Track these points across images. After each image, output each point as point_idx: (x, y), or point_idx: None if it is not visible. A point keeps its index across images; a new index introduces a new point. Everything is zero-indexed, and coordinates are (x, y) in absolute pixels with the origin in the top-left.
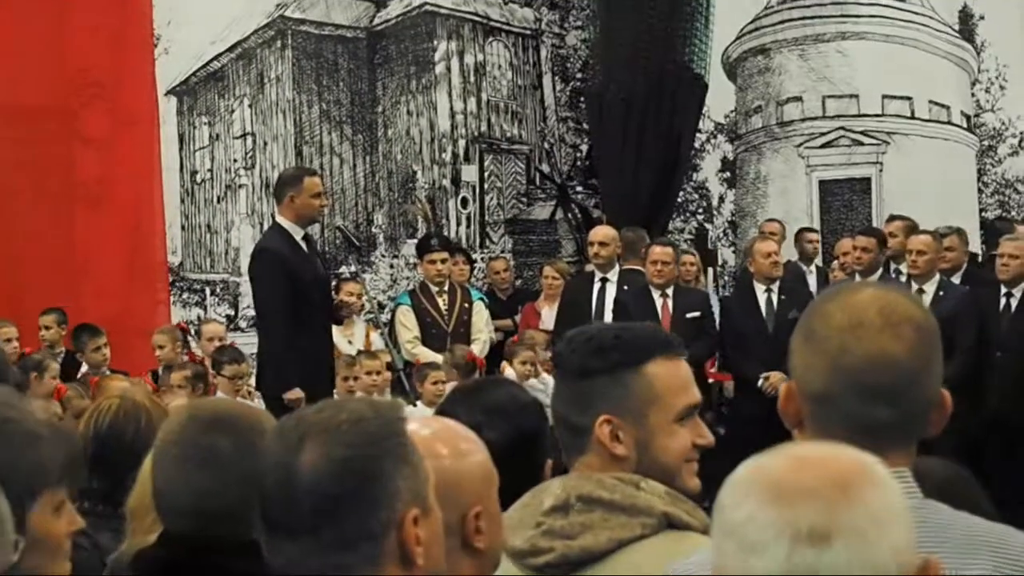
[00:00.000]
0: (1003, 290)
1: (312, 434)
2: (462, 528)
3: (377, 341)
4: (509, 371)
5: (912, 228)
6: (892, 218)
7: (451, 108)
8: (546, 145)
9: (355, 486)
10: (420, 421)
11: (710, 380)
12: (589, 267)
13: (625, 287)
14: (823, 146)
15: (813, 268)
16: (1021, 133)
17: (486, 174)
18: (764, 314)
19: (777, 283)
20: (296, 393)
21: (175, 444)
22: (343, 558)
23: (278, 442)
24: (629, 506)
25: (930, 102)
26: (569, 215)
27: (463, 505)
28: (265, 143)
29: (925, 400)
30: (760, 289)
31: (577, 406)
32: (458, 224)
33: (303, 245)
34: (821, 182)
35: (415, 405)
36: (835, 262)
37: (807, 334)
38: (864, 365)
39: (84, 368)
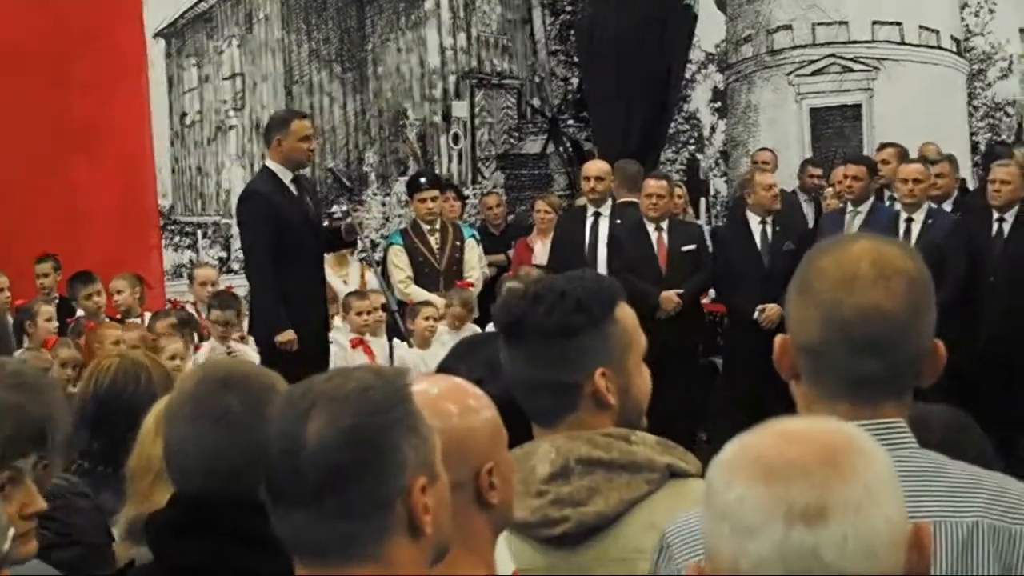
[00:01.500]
0: (995, 215)
1: (319, 403)
2: (475, 484)
3: (372, 280)
4: None
5: (904, 155)
6: (883, 146)
7: (441, 44)
8: (536, 79)
9: (362, 455)
10: (428, 380)
11: (706, 311)
12: (580, 200)
13: (618, 221)
14: (813, 74)
15: (811, 199)
16: (1010, 56)
17: (477, 109)
18: (759, 246)
19: (772, 215)
20: (288, 335)
21: (186, 403)
22: (350, 527)
23: (286, 411)
24: (629, 463)
25: (919, 27)
26: (560, 149)
27: (475, 462)
28: (255, 83)
29: (915, 352)
30: (755, 220)
31: (566, 365)
32: (449, 160)
33: (292, 188)
34: (812, 110)
35: (410, 345)
36: (829, 190)
37: (801, 287)
38: (856, 318)
39: (79, 313)
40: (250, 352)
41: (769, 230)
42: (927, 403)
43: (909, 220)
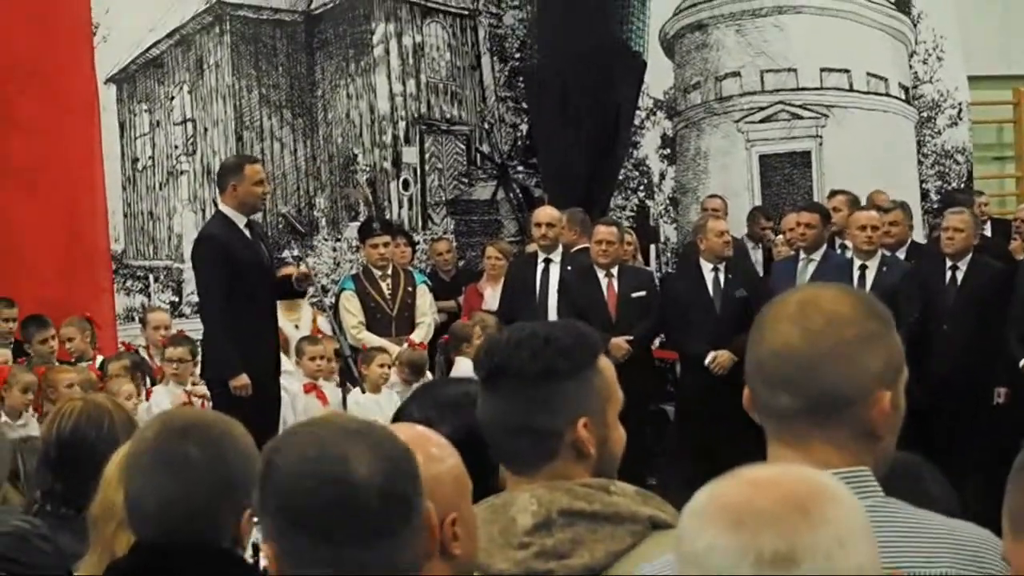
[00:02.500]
0: (948, 263)
1: (350, 444)
2: (439, 535)
3: (324, 325)
4: (461, 360)
5: (855, 202)
6: (834, 193)
7: (390, 90)
8: (486, 125)
9: (408, 482)
10: (391, 428)
11: (655, 358)
12: (531, 247)
13: (569, 267)
14: (762, 121)
15: (758, 245)
16: (959, 104)
17: (427, 155)
18: (711, 292)
19: (724, 261)
20: (241, 380)
21: (145, 452)
22: (405, 555)
23: (310, 464)
24: (612, 515)
25: (868, 74)
26: (510, 195)
27: (439, 512)
28: (205, 129)
29: (834, 392)
30: (707, 267)
31: (545, 411)
32: (400, 206)
33: (246, 232)
34: (761, 156)
35: (363, 391)
36: (779, 237)
37: (753, 330)
38: (767, 355)
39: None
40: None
41: (721, 277)
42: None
43: (863, 267)
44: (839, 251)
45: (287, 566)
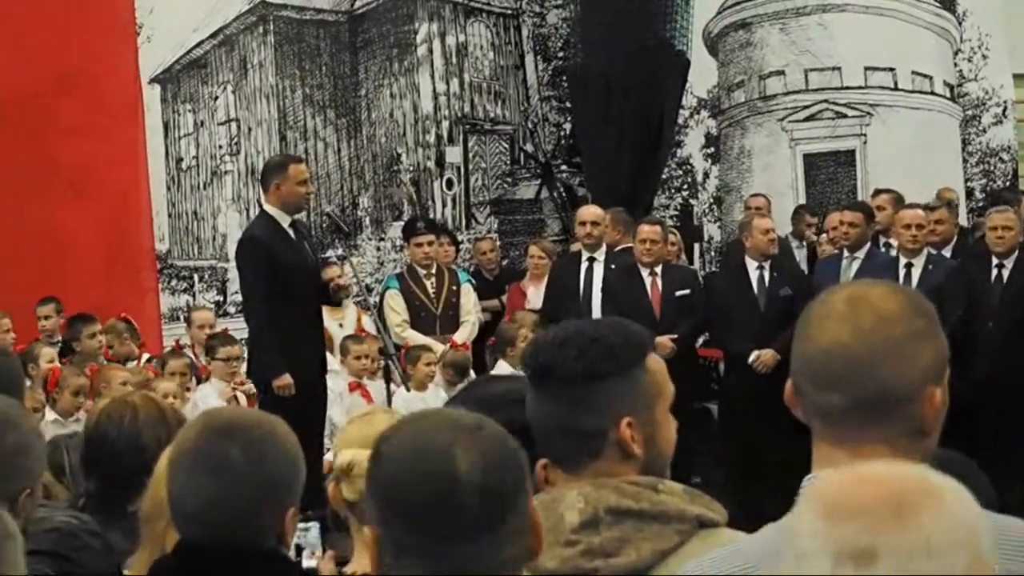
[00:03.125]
0: (995, 261)
1: (457, 439)
2: None
3: (368, 324)
4: (501, 364)
5: (899, 200)
6: (878, 192)
7: (434, 90)
8: (529, 125)
9: (513, 479)
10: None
11: (700, 356)
12: (575, 246)
13: (613, 266)
14: (806, 119)
15: (803, 244)
16: (1004, 102)
17: (470, 155)
18: (755, 290)
19: (769, 260)
20: (284, 380)
21: (188, 452)
22: (511, 552)
23: (415, 457)
24: (659, 513)
25: (913, 73)
26: (554, 194)
27: None
28: (249, 129)
29: (885, 391)
30: (752, 265)
31: (589, 411)
32: (443, 205)
33: (290, 232)
34: (805, 155)
35: (407, 389)
36: (823, 236)
37: (797, 331)
38: (817, 354)
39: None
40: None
41: (766, 275)
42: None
43: (909, 265)
44: (883, 249)
45: (387, 553)
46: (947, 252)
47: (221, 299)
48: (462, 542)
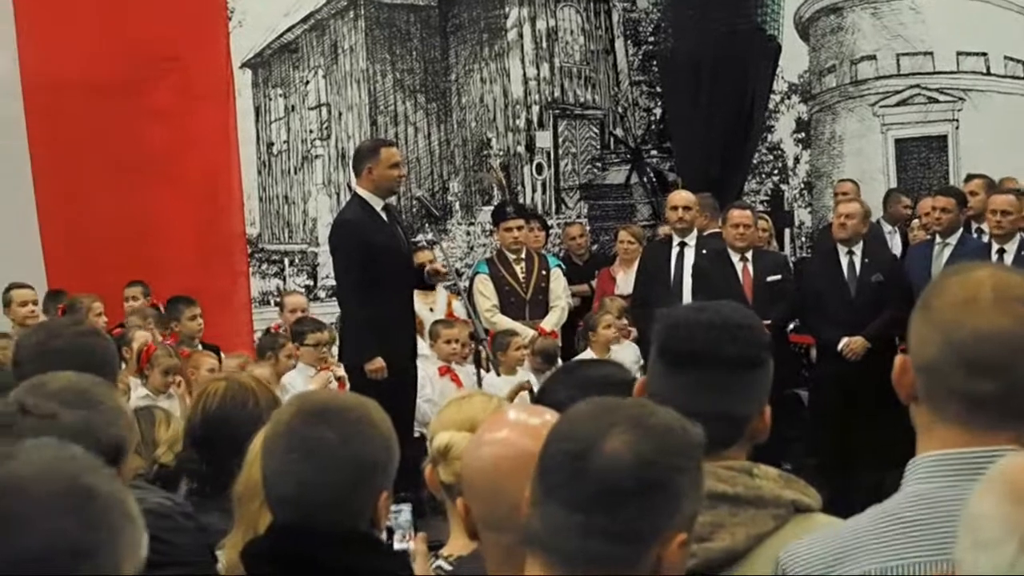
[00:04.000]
0: None
1: (624, 424)
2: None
3: (459, 309)
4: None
5: (992, 186)
6: (971, 177)
7: (524, 74)
8: (619, 109)
9: (647, 489)
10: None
11: (791, 342)
12: (664, 229)
13: (704, 251)
14: (898, 104)
15: (896, 229)
16: None
17: (560, 140)
18: (846, 276)
19: (860, 245)
20: (376, 363)
21: (282, 435)
22: (606, 549)
23: (585, 418)
24: (755, 498)
25: (1005, 58)
26: (644, 179)
27: (509, 496)
28: (340, 113)
29: None
30: (843, 251)
31: (742, 398)
32: (533, 190)
33: (383, 215)
34: (897, 141)
35: (497, 373)
36: (915, 221)
37: (925, 308)
38: (972, 340)
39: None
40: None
41: (857, 261)
42: None
43: (1001, 251)
44: (975, 235)
45: (535, 518)
46: None
47: (311, 283)
48: (559, 506)
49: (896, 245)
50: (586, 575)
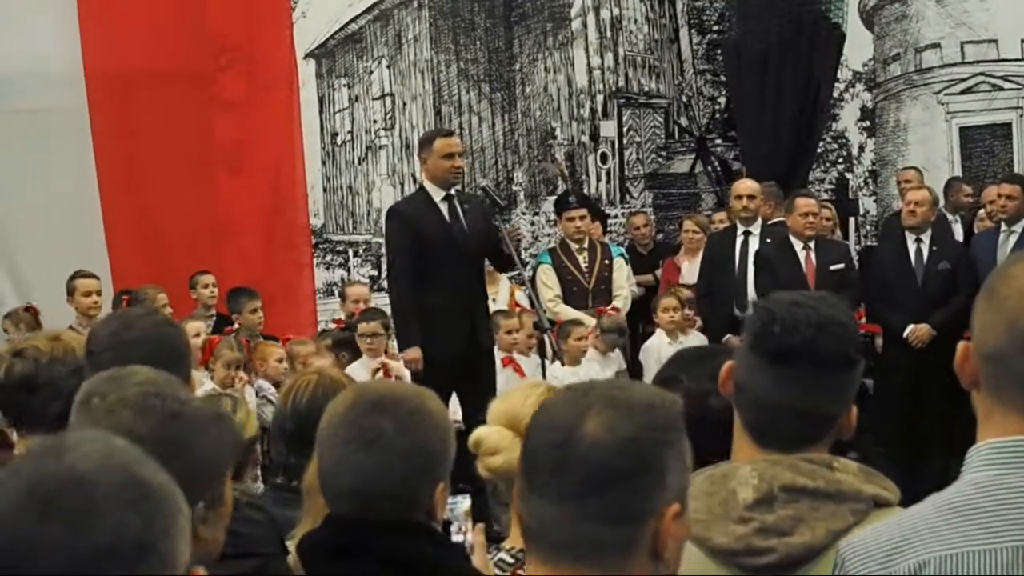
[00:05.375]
0: None
1: (599, 405)
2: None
3: (522, 299)
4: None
5: None
6: None
7: (588, 64)
8: (684, 98)
9: (633, 466)
10: None
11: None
12: (718, 216)
13: (768, 240)
14: (962, 92)
15: (957, 217)
16: None
17: (624, 129)
18: (913, 264)
19: (928, 233)
20: (412, 353)
21: (339, 426)
22: (600, 532)
23: (562, 405)
24: (835, 492)
25: None
26: (709, 168)
27: None
28: (404, 103)
29: None
30: (910, 239)
31: (837, 396)
32: (598, 180)
33: (442, 205)
34: (961, 129)
35: (562, 363)
36: (982, 210)
37: (989, 295)
38: None
39: (235, 327)
40: (403, 369)
41: (924, 249)
42: None
43: None
44: None
45: (520, 504)
46: None
47: (376, 274)
48: (548, 497)
49: (958, 233)
50: (587, 563)
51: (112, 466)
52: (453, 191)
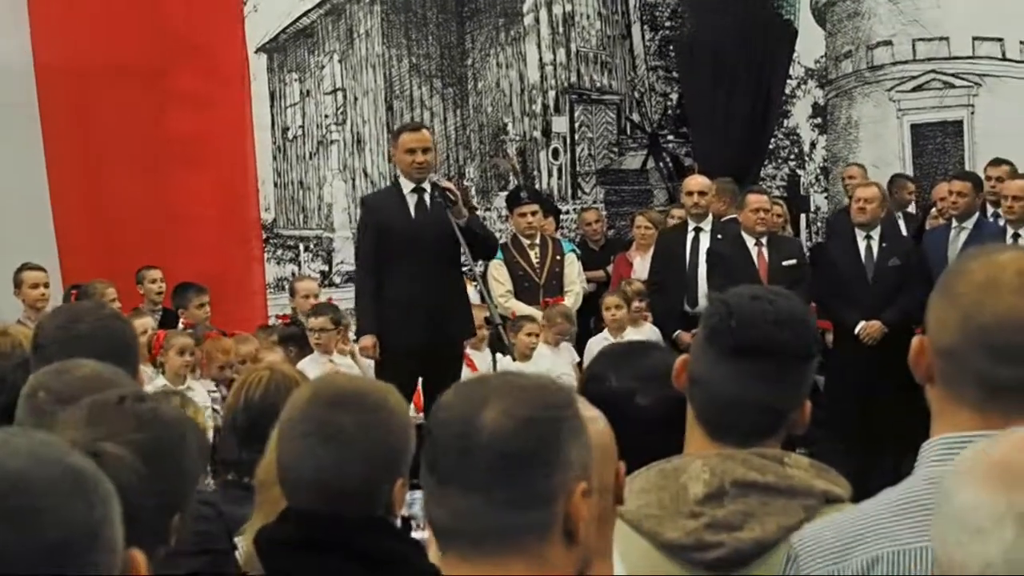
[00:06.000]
0: None
1: (495, 394)
2: (616, 484)
3: (473, 294)
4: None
5: (1013, 173)
6: (999, 162)
7: (540, 59)
8: (636, 94)
9: (534, 447)
10: None
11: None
12: (675, 212)
13: (719, 236)
14: (914, 90)
15: (900, 214)
16: None
17: (576, 125)
18: (864, 261)
19: (878, 229)
20: (365, 341)
21: (299, 420)
22: (513, 518)
23: (459, 399)
24: (786, 488)
25: (1021, 43)
26: (660, 164)
27: (614, 465)
28: (356, 98)
29: None
30: (860, 235)
31: (793, 391)
32: (549, 175)
33: (411, 198)
34: (913, 126)
35: (513, 358)
36: (934, 209)
37: (944, 290)
38: (994, 324)
39: (180, 327)
40: (353, 365)
41: (874, 246)
42: None
43: (1016, 236)
44: (991, 219)
45: (429, 506)
46: None
47: (327, 269)
48: (457, 490)
49: (903, 230)
50: (508, 552)
51: (44, 459)
52: (426, 184)
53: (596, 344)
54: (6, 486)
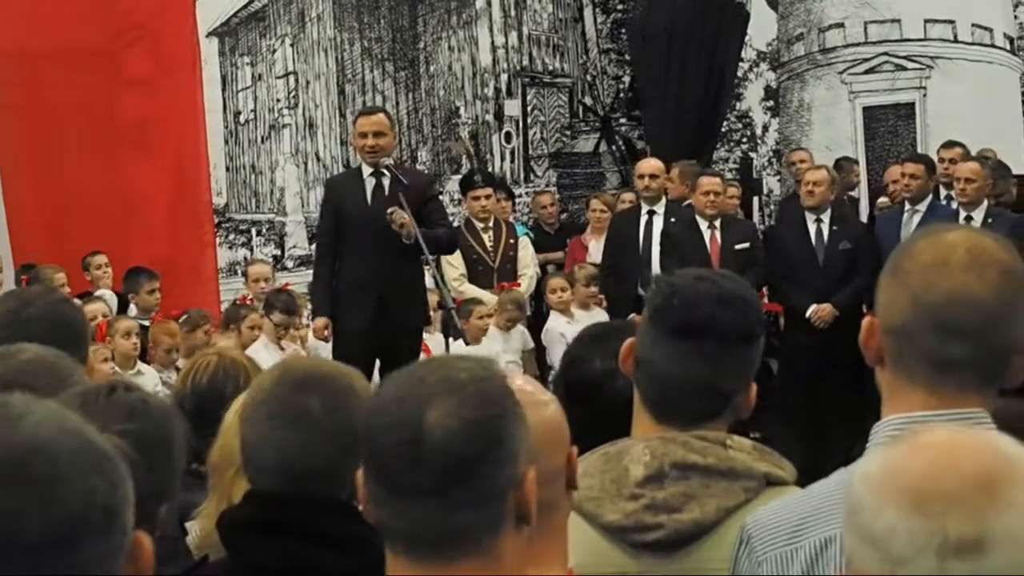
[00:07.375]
0: None
1: (436, 393)
2: (568, 468)
3: (427, 278)
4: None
5: (966, 156)
6: (952, 144)
7: (492, 43)
8: (588, 78)
9: (485, 447)
10: (512, 374)
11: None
12: (626, 196)
13: (672, 219)
14: (866, 72)
15: (846, 197)
16: None
17: (529, 108)
18: (814, 244)
19: (828, 212)
20: (317, 323)
21: (264, 403)
22: (470, 518)
23: (396, 401)
24: (727, 470)
25: (973, 25)
26: (613, 147)
27: (565, 446)
28: (308, 82)
29: (1007, 344)
30: (811, 219)
31: (737, 372)
32: (502, 159)
33: (368, 182)
34: (865, 108)
35: (465, 342)
36: (882, 199)
37: (893, 270)
38: (944, 302)
39: (132, 311)
40: (301, 351)
41: (825, 229)
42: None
43: (968, 219)
44: (944, 202)
45: (370, 509)
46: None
47: (279, 253)
48: (411, 497)
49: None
50: (465, 552)
51: (69, 431)
52: (384, 168)
53: (553, 327)
54: (29, 453)
